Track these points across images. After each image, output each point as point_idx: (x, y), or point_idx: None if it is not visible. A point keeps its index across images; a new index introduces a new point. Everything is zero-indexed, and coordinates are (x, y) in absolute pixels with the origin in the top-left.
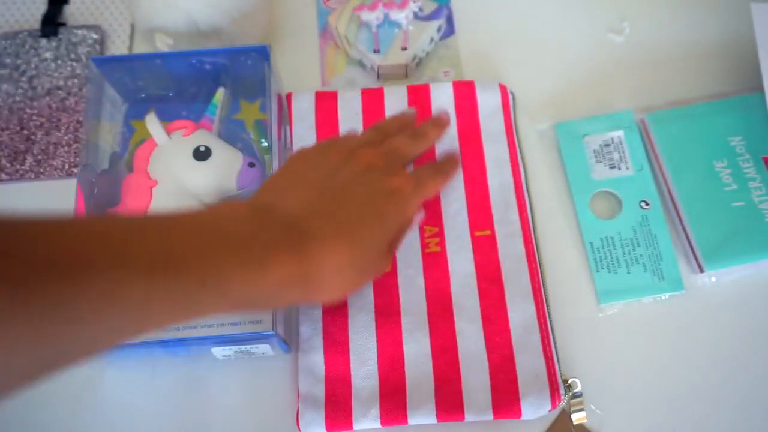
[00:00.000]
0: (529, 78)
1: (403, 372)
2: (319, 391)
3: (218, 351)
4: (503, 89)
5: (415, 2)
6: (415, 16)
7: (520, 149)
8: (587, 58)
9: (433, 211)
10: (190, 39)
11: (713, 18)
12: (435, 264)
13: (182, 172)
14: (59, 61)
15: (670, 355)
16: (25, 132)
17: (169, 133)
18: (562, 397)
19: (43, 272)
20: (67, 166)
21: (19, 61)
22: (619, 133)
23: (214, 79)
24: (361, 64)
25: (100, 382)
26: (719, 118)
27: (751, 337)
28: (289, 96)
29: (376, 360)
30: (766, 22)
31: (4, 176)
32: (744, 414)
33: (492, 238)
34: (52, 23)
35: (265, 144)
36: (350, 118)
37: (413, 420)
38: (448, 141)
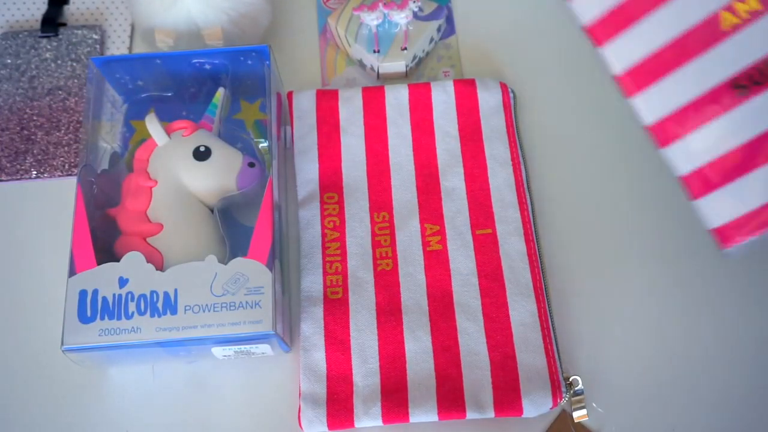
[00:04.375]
0: (528, 78)
1: (405, 370)
2: (321, 389)
3: (218, 351)
4: (504, 88)
5: (414, 2)
6: (415, 16)
7: (521, 147)
8: (587, 57)
9: (434, 210)
10: (190, 39)
11: None
12: (436, 262)
13: (182, 172)
14: (59, 61)
15: (671, 354)
16: (26, 132)
17: (169, 133)
18: (564, 395)
19: None
20: (67, 166)
21: (19, 61)
22: None
23: (214, 79)
24: (361, 64)
25: (101, 382)
26: None
27: (752, 337)
28: (289, 95)
29: (377, 358)
30: None
31: (4, 176)
32: (744, 413)
33: (493, 236)
34: (52, 23)
35: (265, 144)
36: (351, 117)
37: (414, 418)
38: (450, 140)
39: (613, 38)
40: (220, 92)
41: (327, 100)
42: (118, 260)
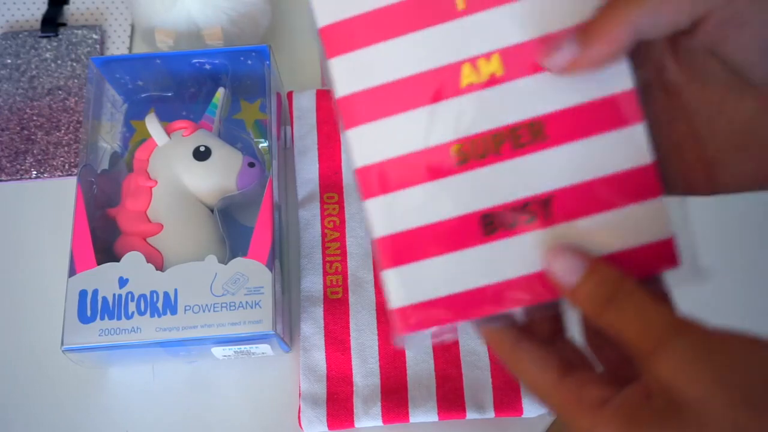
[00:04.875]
0: None
1: (405, 370)
2: (321, 389)
3: (218, 351)
4: None
5: None
6: None
7: None
8: None
9: None
10: (190, 39)
11: None
12: None
13: (182, 172)
14: (59, 61)
15: None
16: (26, 132)
17: (169, 133)
18: None
19: None
20: (67, 166)
21: (19, 61)
22: None
23: (214, 79)
24: None
25: (101, 382)
26: None
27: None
28: (289, 95)
29: (377, 358)
30: None
31: (4, 176)
32: None
33: None
34: (52, 23)
35: (265, 144)
36: None
37: (414, 418)
38: None
39: (346, 53)
40: (220, 92)
41: (327, 100)
42: (118, 260)
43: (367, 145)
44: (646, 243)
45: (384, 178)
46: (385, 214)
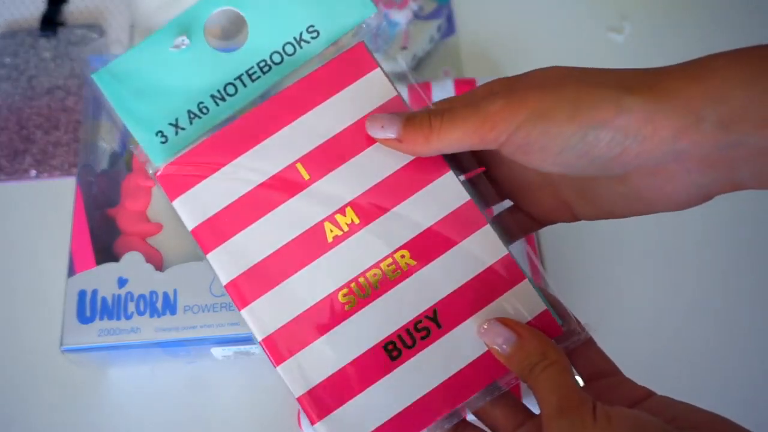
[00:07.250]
0: None
1: None
2: None
3: (218, 351)
4: None
5: (415, 1)
6: (415, 15)
7: None
8: (587, 57)
9: None
10: None
11: (717, 17)
12: None
13: None
14: (58, 61)
15: (672, 356)
16: (25, 131)
17: None
18: None
19: None
20: (66, 166)
21: (18, 61)
22: None
23: None
24: None
25: (101, 382)
26: None
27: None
28: None
29: None
30: None
31: (3, 176)
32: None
33: None
34: (51, 22)
35: None
36: None
37: None
38: None
39: (219, 246)
40: None
41: None
42: (117, 260)
43: (263, 317)
44: (527, 321)
45: (286, 342)
46: (299, 374)
